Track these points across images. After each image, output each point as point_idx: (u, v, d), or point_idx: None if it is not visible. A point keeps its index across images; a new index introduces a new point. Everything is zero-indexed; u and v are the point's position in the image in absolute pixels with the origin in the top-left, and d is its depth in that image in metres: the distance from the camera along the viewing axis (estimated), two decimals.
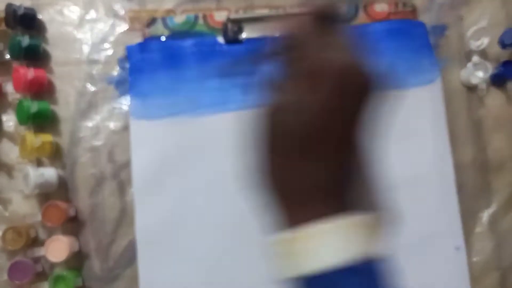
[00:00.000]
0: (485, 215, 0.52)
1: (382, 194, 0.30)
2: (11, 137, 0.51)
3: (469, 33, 0.54)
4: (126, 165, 0.51)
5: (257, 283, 0.49)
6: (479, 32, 0.54)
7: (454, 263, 0.50)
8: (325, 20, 0.27)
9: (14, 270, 0.48)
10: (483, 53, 0.54)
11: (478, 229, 0.52)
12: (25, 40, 0.50)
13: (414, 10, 0.55)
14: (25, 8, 0.51)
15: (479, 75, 0.53)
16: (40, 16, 0.53)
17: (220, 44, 0.53)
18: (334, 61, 0.24)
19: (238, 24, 0.53)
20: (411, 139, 0.52)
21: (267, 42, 0.30)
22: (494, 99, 0.54)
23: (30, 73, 0.50)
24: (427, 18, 0.55)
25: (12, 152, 0.51)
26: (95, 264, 0.50)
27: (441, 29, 0.55)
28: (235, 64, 0.35)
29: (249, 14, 0.54)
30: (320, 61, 0.25)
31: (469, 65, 0.53)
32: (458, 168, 0.52)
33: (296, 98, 0.25)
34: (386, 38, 0.53)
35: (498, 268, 0.52)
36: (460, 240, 0.51)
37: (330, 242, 0.23)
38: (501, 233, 0.52)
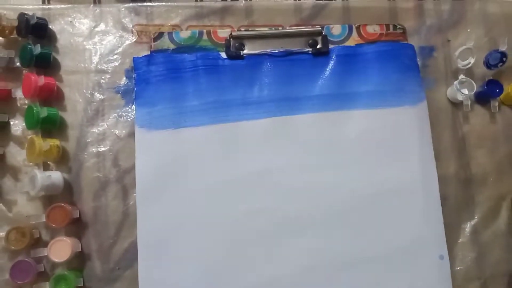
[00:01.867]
0: (468, 227, 0.56)
1: None
2: (18, 141, 0.53)
3: (457, 53, 0.57)
4: (130, 170, 0.53)
5: (260, 283, 0.51)
6: (466, 52, 0.57)
7: (438, 271, 0.53)
8: None
9: (16, 270, 0.49)
10: (469, 72, 0.58)
11: (461, 240, 0.55)
12: (37, 49, 0.53)
13: (404, 32, 0.59)
14: (38, 18, 0.54)
15: (464, 92, 0.56)
16: (51, 26, 0.56)
17: (223, 59, 0.56)
18: None
19: (240, 41, 0.56)
20: (399, 153, 0.55)
21: None
22: (478, 116, 0.58)
23: (41, 80, 0.52)
24: (416, 40, 0.59)
25: (18, 156, 0.53)
26: (96, 265, 0.52)
27: (429, 50, 0.59)
28: None
29: (250, 32, 0.57)
30: None
31: (456, 82, 0.56)
32: (443, 181, 0.55)
33: None
34: (376, 59, 0.57)
35: (479, 278, 0.54)
36: (444, 250, 0.53)
37: None
38: (483, 243, 0.55)
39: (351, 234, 0.53)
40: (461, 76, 0.57)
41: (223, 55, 0.56)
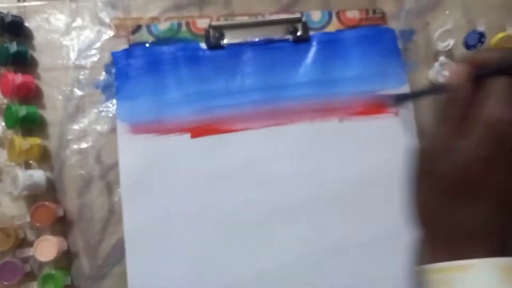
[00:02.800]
0: None
1: None
2: None
3: (436, 35, 0.58)
4: (114, 166, 0.53)
5: (244, 280, 0.51)
6: (445, 34, 0.57)
7: None
8: (484, 72, 0.28)
9: (3, 271, 0.49)
10: (449, 54, 0.58)
11: None
12: (13, 47, 0.52)
13: (383, 17, 0.59)
14: (12, 16, 0.53)
15: (445, 74, 0.57)
16: (27, 24, 0.55)
17: (203, 50, 0.55)
18: (491, 112, 0.25)
19: (220, 31, 0.56)
20: (382, 138, 0.55)
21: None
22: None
23: (18, 78, 0.51)
24: (395, 24, 0.59)
25: (0, 156, 0.52)
26: (83, 263, 0.51)
27: (409, 34, 0.59)
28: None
29: (230, 21, 0.56)
30: (476, 109, 0.26)
31: (436, 64, 0.57)
32: None
33: (449, 142, 0.26)
34: (357, 44, 0.57)
35: None
36: None
37: (484, 278, 0.24)
38: None
39: (340, 220, 0.53)
40: (441, 58, 0.57)
41: (203, 45, 0.55)
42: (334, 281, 0.52)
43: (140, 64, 0.54)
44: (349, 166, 0.54)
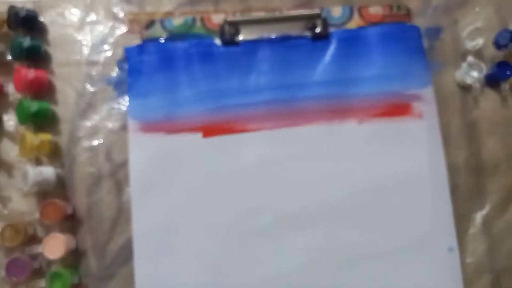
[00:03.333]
0: (479, 217, 0.53)
1: None
2: (11, 136, 0.52)
3: (464, 33, 0.54)
4: (124, 164, 0.52)
5: (252, 282, 0.50)
6: (474, 32, 0.54)
7: (447, 264, 0.51)
8: None
9: (11, 267, 0.49)
10: (478, 54, 0.55)
11: (471, 231, 0.52)
12: (27, 42, 0.51)
13: (408, 13, 0.55)
14: (27, 10, 0.53)
15: (473, 75, 0.53)
16: (41, 18, 0.54)
17: (217, 46, 0.54)
18: None
19: (235, 26, 0.54)
20: (404, 142, 0.52)
21: None
22: (488, 100, 0.55)
23: (31, 73, 0.51)
24: (421, 21, 0.55)
25: (12, 151, 0.52)
26: (91, 262, 0.51)
27: (436, 32, 0.56)
28: None
29: (246, 17, 0.54)
30: None
31: (464, 65, 0.53)
32: (452, 169, 0.52)
33: None
34: (379, 42, 0.54)
35: (491, 270, 0.52)
36: (453, 241, 0.51)
37: None
38: (495, 234, 0.52)
39: (355, 229, 0.51)
40: (469, 58, 0.53)
41: (218, 42, 0.54)
42: None
43: (153, 60, 0.53)
44: (368, 171, 0.52)
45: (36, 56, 0.53)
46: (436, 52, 0.55)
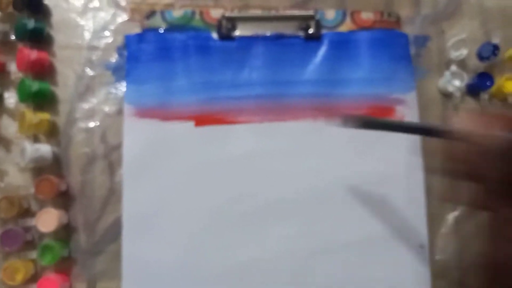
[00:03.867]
0: (451, 218, 0.56)
1: None
2: (11, 113, 0.54)
3: (450, 43, 0.57)
4: (118, 147, 0.54)
5: (233, 270, 0.53)
6: (459, 43, 0.57)
7: (417, 260, 0.54)
8: None
9: (5, 237, 0.51)
10: (461, 64, 0.57)
11: (443, 230, 0.56)
12: (31, 23, 0.53)
13: (398, 21, 0.58)
14: None
15: (455, 83, 0.56)
16: (46, 1, 0.56)
17: (214, 40, 0.56)
18: None
19: (232, 22, 0.56)
20: (385, 141, 0.55)
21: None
22: (468, 108, 0.58)
23: (33, 54, 0.53)
24: (410, 29, 0.58)
25: (11, 127, 0.54)
26: (81, 238, 0.53)
27: (423, 40, 0.58)
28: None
29: (243, 13, 0.57)
30: None
31: (447, 73, 0.56)
32: (428, 171, 0.55)
33: None
34: (368, 46, 0.56)
35: (458, 268, 0.55)
36: (424, 239, 0.54)
37: None
38: (464, 235, 0.56)
39: (331, 220, 0.54)
40: (453, 67, 0.56)
41: (215, 35, 0.56)
42: (319, 279, 0.52)
43: (152, 49, 0.55)
44: (348, 167, 0.54)
45: (39, 38, 0.55)
46: (422, 60, 0.58)
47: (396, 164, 0.55)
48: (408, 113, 0.56)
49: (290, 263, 0.53)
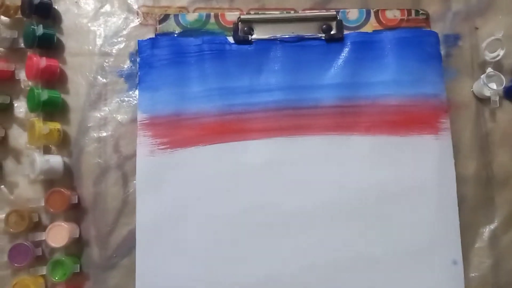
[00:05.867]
0: (486, 231, 0.52)
1: None
2: (21, 123, 0.53)
3: (484, 44, 0.53)
4: (131, 157, 0.52)
5: (253, 278, 0.50)
6: (494, 43, 0.53)
7: (450, 277, 0.50)
8: None
9: (14, 253, 0.49)
10: (498, 65, 0.53)
11: (477, 244, 0.52)
12: (40, 30, 0.51)
13: (427, 18, 0.54)
14: None
15: (492, 87, 0.52)
16: (55, 7, 0.54)
17: (230, 44, 0.53)
18: None
19: (249, 25, 0.53)
20: (413, 149, 0.51)
21: None
22: (505, 113, 0.54)
23: (43, 61, 0.51)
24: (440, 27, 0.54)
25: (21, 138, 0.52)
26: (94, 252, 0.51)
27: (454, 39, 0.54)
28: None
29: (260, 15, 0.54)
30: None
31: (483, 76, 0.52)
32: (461, 180, 0.51)
33: None
34: (395, 47, 0.53)
35: (494, 285, 0.51)
36: (458, 254, 0.50)
37: None
38: (501, 249, 0.51)
39: (355, 233, 0.50)
40: (489, 70, 0.52)
41: (231, 39, 0.53)
42: None
43: (165, 54, 0.53)
44: (374, 177, 0.51)
45: (49, 45, 0.53)
46: (453, 60, 0.54)
47: (426, 174, 0.51)
48: (439, 118, 0.52)
49: (310, 278, 0.49)
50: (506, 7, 0.55)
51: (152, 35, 0.54)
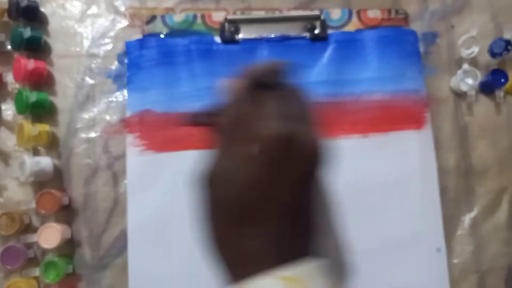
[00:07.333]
0: (467, 219, 0.54)
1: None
2: (10, 126, 0.53)
3: (460, 41, 0.55)
4: (121, 157, 0.52)
5: None
6: (469, 40, 0.55)
7: (434, 264, 0.52)
8: (264, 87, 0.27)
9: (6, 255, 0.49)
10: (473, 61, 0.56)
11: (459, 232, 0.54)
12: (27, 32, 0.51)
13: (406, 18, 0.56)
14: (28, 1, 0.53)
15: (468, 82, 0.54)
16: (42, 9, 0.54)
17: (217, 44, 0.54)
18: (266, 130, 0.24)
19: (235, 25, 0.55)
20: (397, 143, 0.53)
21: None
22: (482, 106, 0.56)
23: (31, 64, 0.51)
24: (418, 26, 0.57)
25: (9, 141, 0.52)
26: (86, 252, 0.51)
27: (432, 37, 0.57)
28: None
29: (246, 16, 0.55)
30: (252, 128, 0.25)
31: (459, 72, 0.54)
32: (442, 172, 0.54)
33: (229, 166, 0.25)
34: (376, 45, 0.55)
35: (477, 271, 0.53)
36: (441, 242, 0.52)
37: None
38: (482, 236, 0.54)
39: (345, 225, 0.52)
40: (465, 66, 0.55)
41: (218, 39, 0.54)
42: None
43: (153, 55, 0.53)
44: (359, 172, 0.53)
45: (36, 47, 0.53)
46: (431, 57, 0.56)
47: (408, 167, 0.53)
48: (420, 112, 0.54)
49: None
50: (480, 6, 0.57)
51: (139, 36, 0.54)
